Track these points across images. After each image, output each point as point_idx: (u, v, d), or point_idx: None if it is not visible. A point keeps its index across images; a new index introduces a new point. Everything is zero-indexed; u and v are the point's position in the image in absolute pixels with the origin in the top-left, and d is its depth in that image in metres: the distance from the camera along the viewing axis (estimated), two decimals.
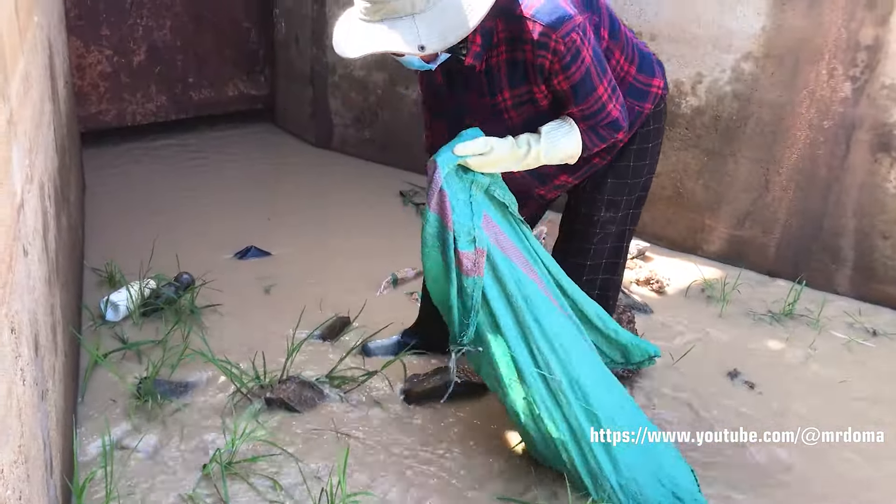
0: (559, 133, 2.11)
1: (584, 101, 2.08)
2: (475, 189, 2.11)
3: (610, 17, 2.21)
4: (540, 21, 1.98)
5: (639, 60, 2.28)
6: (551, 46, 1.98)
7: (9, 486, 1.27)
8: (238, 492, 2.24)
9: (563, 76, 2.04)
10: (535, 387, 2.15)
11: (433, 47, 1.90)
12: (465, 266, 2.09)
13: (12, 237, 1.49)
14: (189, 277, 3.25)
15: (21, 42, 1.93)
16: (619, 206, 2.42)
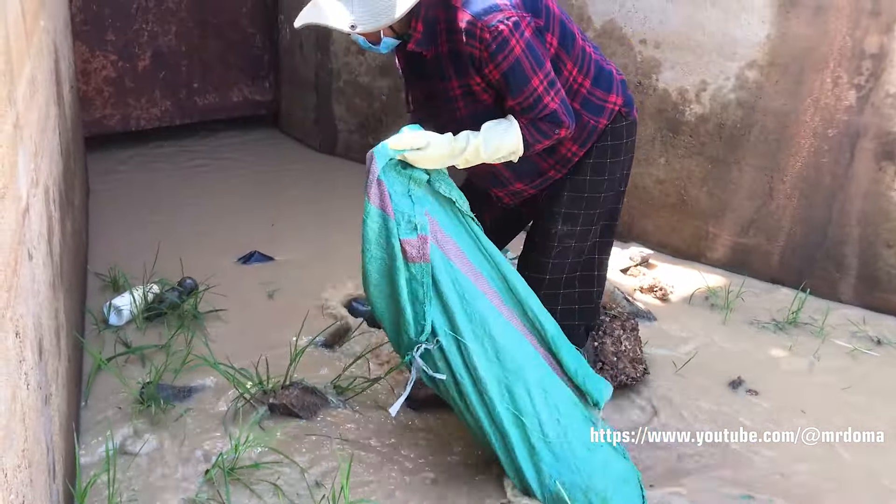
0: (499, 128, 2.16)
1: (518, 93, 2.13)
2: (413, 185, 2.14)
3: (562, 27, 2.25)
4: (468, 10, 2.07)
5: (594, 74, 2.31)
6: (477, 35, 2.07)
7: (12, 491, 1.27)
8: (240, 497, 2.23)
9: (492, 65, 2.11)
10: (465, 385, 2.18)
11: (364, 27, 2.05)
12: (410, 254, 2.11)
13: (17, 241, 1.49)
14: (192, 282, 3.25)
15: (28, 46, 1.94)
16: (577, 220, 2.41)
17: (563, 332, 2.33)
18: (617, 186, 2.44)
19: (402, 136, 2.09)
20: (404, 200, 2.12)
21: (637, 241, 4.00)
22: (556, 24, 2.23)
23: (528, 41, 2.10)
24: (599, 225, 2.47)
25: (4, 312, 1.30)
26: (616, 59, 3.86)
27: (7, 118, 1.48)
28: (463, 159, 2.15)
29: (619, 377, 2.78)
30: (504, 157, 2.19)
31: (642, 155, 3.91)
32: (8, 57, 1.56)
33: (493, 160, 2.19)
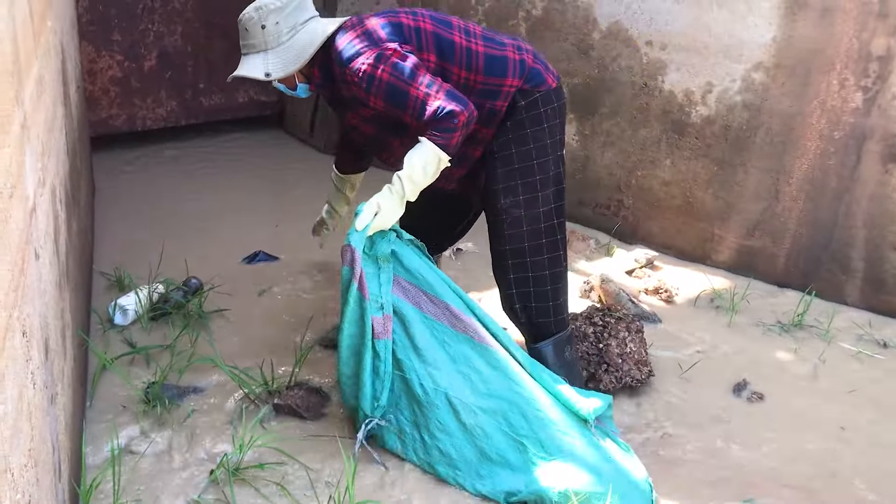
0: (415, 153, 2.38)
1: (405, 107, 2.39)
2: (382, 261, 2.41)
3: (437, 41, 2.50)
4: (337, 62, 2.46)
5: (485, 66, 2.53)
6: (349, 80, 2.43)
7: (19, 490, 1.27)
8: (245, 498, 2.24)
9: (371, 98, 2.42)
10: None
11: (276, 75, 2.50)
12: (377, 330, 2.37)
13: (25, 241, 1.50)
14: (198, 282, 3.25)
15: (35, 47, 1.94)
16: (517, 190, 2.58)
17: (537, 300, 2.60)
18: (550, 152, 2.62)
19: (360, 216, 2.34)
20: (373, 281, 2.39)
21: (642, 243, 3.99)
22: (430, 41, 2.50)
23: (393, 64, 2.38)
24: (549, 191, 2.63)
25: (12, 312, 1.30)
26: (621, 61, 3.86)
27: (15, 118, 1.48)
28: (410, 194, 2.38)
29: (623, 379, 2.78)
30: (438, 169, 2.40)
31: (648, 157, 3.91)
32: (16, 57, 1.56)
33: (432, 177, 2.40)
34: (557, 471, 2.26)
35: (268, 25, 2.47)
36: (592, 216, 4.18)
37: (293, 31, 2.49)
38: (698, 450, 2.58)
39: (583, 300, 3.44)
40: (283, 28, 2.47)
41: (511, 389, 2.36)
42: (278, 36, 2.48)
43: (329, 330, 3.01)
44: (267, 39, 2.48)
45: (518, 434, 2.32)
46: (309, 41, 2.49)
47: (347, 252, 2.34)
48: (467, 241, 3.84)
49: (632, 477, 2.29)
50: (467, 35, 2.55)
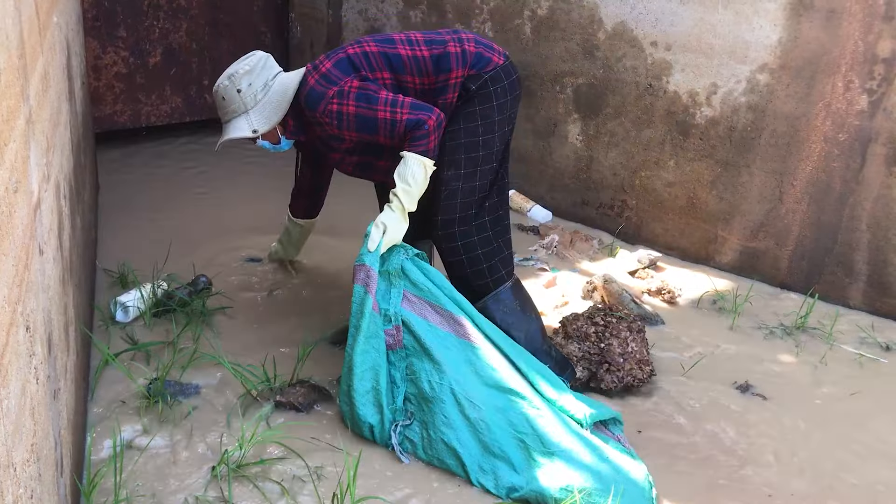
0: (400, 168, 2.55)
1: (377, 131, 2.61)
2: (393, 276, 2.51)
3: (386, 59, 2.70)
4: (306, 108, 2.68)
5: (433, 68, 2.71)
6: (318, 121, 2.67)
7: (21, 485, 1.27)
8: (246, 494, 2.24)
9: (345, 132, 2.65)
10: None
11: (262, 129, 2.72)
12: (388, 342, 2.48)
13: (29, 236, 1.50)
14: (206, 280, 3.26)
15: (41, 42, 1.94)
16: (460, 164, 2.72)
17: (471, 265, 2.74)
18: (497, 129, 2.76)
19: (371, 236, 2.48)
20: (384, 297, 2.50)
21: (645, 244, 3.99)
22: (379, 61, 2.70)
23: (356, 95, 2.60)
24: (489, 166, 2.76)
25: (15, 307, 1.30)
26: (626, 61, 3.86)
27: (20, 113, 1.49)
28: (409, 205, 2.55)
29: (625, 378, 2.78)
30: (427, 174, 2.57)
31: (652, 157, 3.91)
32: (21, 52, 1.57)
33: (423, 183, 2.56)
34: (557, 470, 2.29)
35: (243, 89, 2.68)
36: (596, 216, 4.18)
37: (266, 88, 2.71)
38: (699, 450, 2.58)
39: (585, 300, 3.44)
40: (257, 87, 2.69)
41: (511, 391, 2.41)
42: (254, 95, 2.69)
43: (337, 330, 3.01)
44: (245, 101, 2.69)
45: (518, 432, 2.36)
46: (283, 92, 2.71)
47: (361, 272, 2.46)
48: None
49: (630, 476, 2.30)
50: (411, 45, 2.73)
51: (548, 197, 4.32)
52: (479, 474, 2.35)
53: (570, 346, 2.85)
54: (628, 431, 2.62)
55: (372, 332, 2.46)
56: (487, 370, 2.45)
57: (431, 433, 2.42)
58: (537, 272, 3.69)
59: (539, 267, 3.74)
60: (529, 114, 4.27)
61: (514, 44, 4.19)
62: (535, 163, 4.34)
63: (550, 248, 3.91)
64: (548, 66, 4.14)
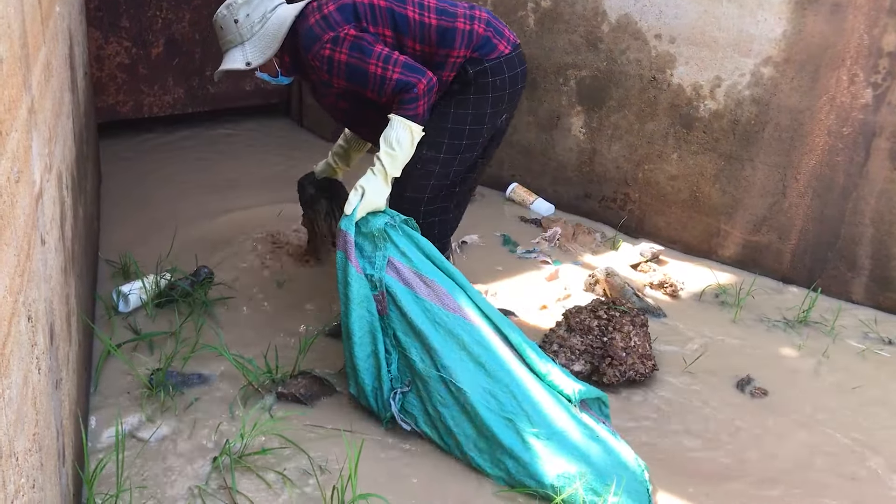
0: (386, 132, 2.53)
1: (365, 84, 2.58)
2: (378, 239, 2.48)
3: (391, 16, 2.65)
4: (301, 48, 2.64)
5: (437, 39, 2.67)
6: (310, 63, 2.64)
7: (23, 474, 1.27)
8: (247, 485, 2.24)
9: (334, 79, 2.63)
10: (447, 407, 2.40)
11: (256, 62, 2.67)
12: (378, 307, 2.47)
13: (31, 226, 1.50)
14: (208, 271, 3.26)
15: (43, 31, 1.94)
16: (441, 148, 2.74)
17: None
18: (487, 122, 2.76)
19: (348, 201, 2.47)
20: (367, 264, 2.48)
21: (648, 237, 3.99)
22: (384, 17, 2.65)
23: (350, 44, 2.56)
24: (468, 156, 2.79)
25: (17, 297, 1.30)
26: (630, 54, 3.85)
27: (22, 103, 1.48)
28: (392, 170, 2.53)
29: (627, 373, 2.77)
30: (414, 141, 2.54)
31: (655, 150, 3.90)
32: (24, 41, 1.56)
33: (410, 148, 2.54)
34: (550, 452, 2.27)
35: (240, 19, 2.64)
36: (598, 209, 4.17)
37: (263, 20, 2.65)
38: (701, 444, 2.58)
39: (587, 293, 3.43)
40: (254, 18, 2.64)
41: (500, 368, 2.39)
42: (251, 27, 2.65)
43: (334, 318, 3.01)
44: (241, 32, 2.65)
45: (505, 411, 2.33)
46: (278, 26, 2.66)
47: (340, 237, 2.46)
48: (472, 234, 3.84)
49: (621, 458, 2.30)
50: (420, 9, 2.69)
51: (550, 190, 4.32)
52: (476, 454, 2.35)
53: (573, 339, 2.85)
54: (631, 426, 2.62)
55: (362, 297, 2.46)
56: (475, 347, 2.41)
57: (429, 409, 2.42)
58: (539, 265, 3.69)
59: (541, 259, 3.74)
60: (532, 106, 4.26)
61: (518, 35, 4.17)
62: (538, 155, 4.34)
63: (553, 241, 3.90)
64: (551, 59, 4.13)
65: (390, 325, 2.48)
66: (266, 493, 2.22)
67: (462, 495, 2.28)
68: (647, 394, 2.80)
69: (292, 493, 2.23)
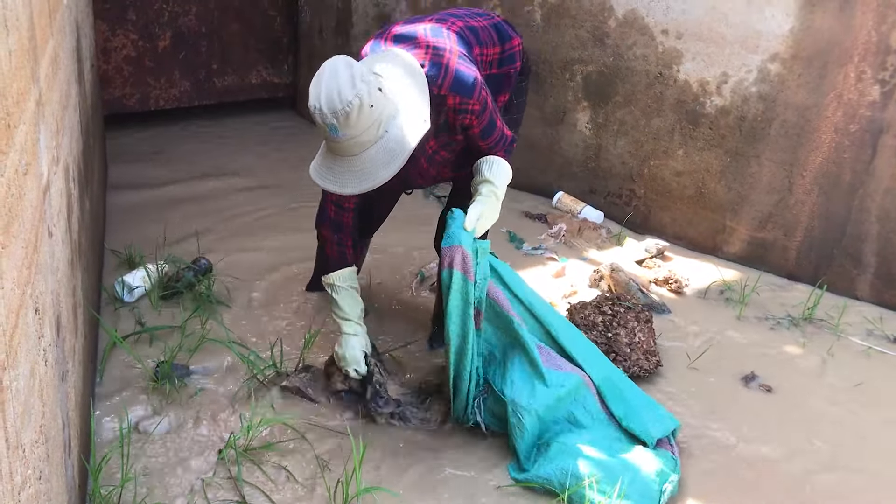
0: (499, 170, 2.46)
1: (490, 136, 2.48)
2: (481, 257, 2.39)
3: (463, 35, 2.50)
4: (458, 94, 2.33)
5: (497, 37, 2.63)
6: (470, 109, 2.36)
7: (30, 466, 1.28)
8: (252, 478, 2.25)
9: (476, 125, 2.42)
10: None
11: (427, 115, 2.23)
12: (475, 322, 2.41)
13: (38, 218, 1.50)
14: (206, 262, 3.26)
15: (51, 24, 1.94)
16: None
17: None
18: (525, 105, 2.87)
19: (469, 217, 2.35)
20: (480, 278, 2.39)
21: (653, 233, 3.98)
22: (468, 35, 2.52)
23: (488, 92, 2.41)
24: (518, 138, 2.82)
25: (25, 289, 1.31)
26: (637, 50, 3.84)
27: (30, 96, 1.49)
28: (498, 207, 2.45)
29: (631, 368, 2.77)
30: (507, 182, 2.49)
31: (661, 146, 3.89)
32: (32, 34, 1.56)
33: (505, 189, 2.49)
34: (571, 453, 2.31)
35: (383, 87, 2.18)
36: (604, 205, 4.17)
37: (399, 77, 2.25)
38: (705, 441, 2.58)
39: (592, 289, 3.43)
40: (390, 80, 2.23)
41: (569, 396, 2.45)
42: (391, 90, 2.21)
43: None
44: (389, 98, 2.19)
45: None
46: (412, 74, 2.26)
47: (458, 254, 2.30)
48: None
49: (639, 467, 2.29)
50: (472, 17, 2.64)
51: (556, 185, 4.31)
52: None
53: None
54: None
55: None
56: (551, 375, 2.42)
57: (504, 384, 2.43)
58: (546, 261, 3.69)
59: (548, 256, 3.74)
60: (538, 101, 4.25)
61: (525, 30, 4.17)
62: (544, 150, 4.33)
63: (559, 237, 3.90)
64: (558, 54, 4.12)
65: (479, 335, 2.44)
66: (271, 486, 2.23)
67: (465, 489, 2.29)
68: (652, 390, 2.80)
69: (297, 486, 2.23)
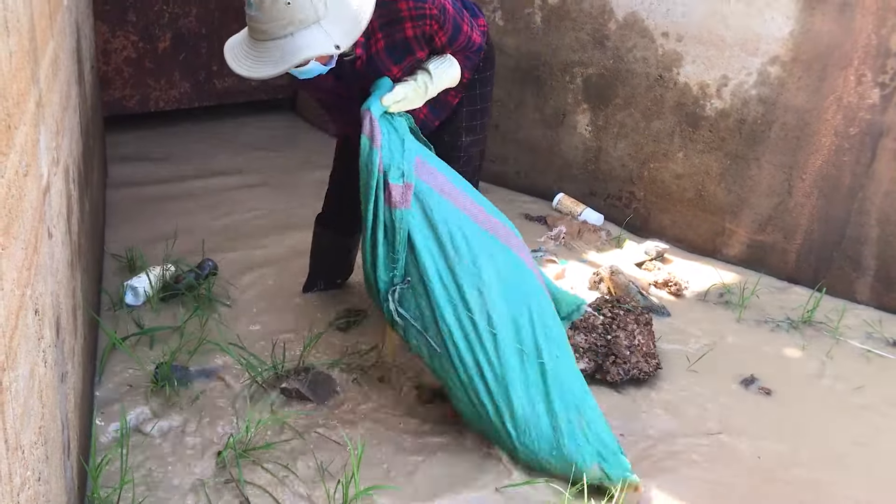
0: (443, 66, 2.46)
1: (457, 41, 2.46)
2: (403, 133, 2.37)
3: None
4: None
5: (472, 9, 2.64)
6: (427, 14, 2.31)
7: (29, 467, 1.28)
8: (252, 479, 2.25)
9: (441, 33, 2.39)
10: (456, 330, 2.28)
11: (345, 44, 2.13)
12: (395, 199, 2.29)
13: (38, 219, 1.50)
14: (212, 264, 3.26)
15: (51, 25, 1.94)
16: (476, 130, 2.81)
17: None
18: (492, 94, 2.84)
19: (389, 94, 2.34)
20: (396, 147, 2.33)
21: (653, 236, 3.98)
22: None
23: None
24: (487, 130, 2.89)
25: (24, 290, 1.31)
26: (637, 52, 3.84)
27: (30, 97, 1.49)
28: (426, 97, 2.44)
29: (631, 371, 2.77)
30: (445, 86, 2.49)
31: (661, 149, 3.89)
32: (32, 35, 1.56)
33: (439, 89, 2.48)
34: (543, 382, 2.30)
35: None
36: (604, 207, 4.17)
37: None
38: (704, 444, 2.58)
39: (592, 291, 3.43)
40: None
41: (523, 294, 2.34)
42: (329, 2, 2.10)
43: (339, 313, 3.01)
44: (316, 6, 2.08)
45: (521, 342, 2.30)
46: None
47: (366, 117, 2.31)
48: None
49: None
50: None
51: (556, 187, 4.31)
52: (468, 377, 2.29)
53: (577, 337, 2.85)
54: (634, 424, 2.62)
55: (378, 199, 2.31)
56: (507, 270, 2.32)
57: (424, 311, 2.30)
58: (545, 263, 3.69)
59: (547, 258, 3.74)
60: (538, 103, 4.25)
61: (525, 33, 4.18)
62: (544, 152, 4.33)
63: (558, 239, 3.90)
64: (558, 56, 4.12)
65: (407, 220, 2.28)
66: (271, 487, 2.22)
67: (465, 490, 2.29)
68: (651, 392, 2.80)
69: (297, 487, 2.23)
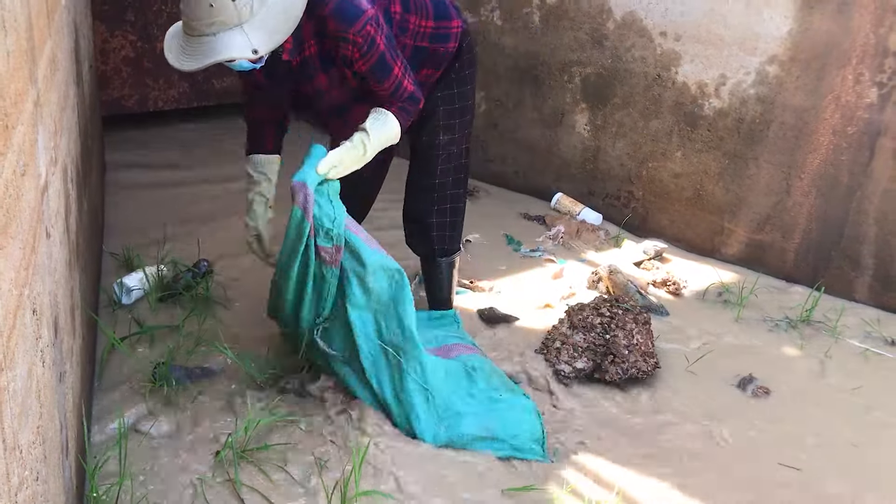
0: (379, 124, 2.43)
1: (384, 80, 2.41)
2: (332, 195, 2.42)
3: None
4: (338, 20, 2.28)
5: (434, 11, 2.61)
6: (350, 39, 2.30)
7: (27, 467, 1.28)
8: (250, 479, 2.25)
9: (361, 62, 2.36)
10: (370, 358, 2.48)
11: (263, 49, 2.16)
12: (324, 259, 2.41)
13: (36, 219, 1.50)
14: (207, 264, 3.26)
15: (49, 25, 1.94)
16: (454, 129, 2.78)
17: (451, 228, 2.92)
18: (474, 93, 2.84)
19: (324, 161, 2.37)
20: (327, 213, 2.39)
21: (652, 235, 3.98)
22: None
23: (387, 34, 2.38)
24: (470, 129, 2.86)
25: (22, 290, 1.31)
26: (635, 51, 3.84)
27: (28, 96, 1.49)
28: (365, 160, 2.44)
29: (629, 370, 2.77)
30: (385, 144, 2.47)
31: (659, 148, 3.89)
32: (30, 35, 1.56)
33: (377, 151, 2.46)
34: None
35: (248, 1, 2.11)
36: (602, 207, 4.17)
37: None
38: (702, 443, 2.58)
39: (591, 291, 3.43)
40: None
41: None
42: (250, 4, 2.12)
43: None
44: (240, 10, 2.11)
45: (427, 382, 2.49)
46: (291, 3, 2.18)
47: (301, 192, 2.37)
48: (474, 233, 3.84)
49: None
50: None
51: (554, 187, 4.31)
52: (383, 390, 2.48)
53: (575, 336, 2.85)
54: (633, 423, 2.63)
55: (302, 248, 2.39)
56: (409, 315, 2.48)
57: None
58: (544, 263, 3.69)
59: (546, 258, 3.74)
60: (537, 103, 4.25)
61: (523, 32, 4.18)
62: (542, 152, 4.33)
63: (557, 239, 3.90)
64: (556, 56, 4.13)
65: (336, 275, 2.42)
66: (269, 487, 2.22)
67: (465, 493, 2.29)
68: (649, 391, 2.80)
69: (295, 487, 2.23)
